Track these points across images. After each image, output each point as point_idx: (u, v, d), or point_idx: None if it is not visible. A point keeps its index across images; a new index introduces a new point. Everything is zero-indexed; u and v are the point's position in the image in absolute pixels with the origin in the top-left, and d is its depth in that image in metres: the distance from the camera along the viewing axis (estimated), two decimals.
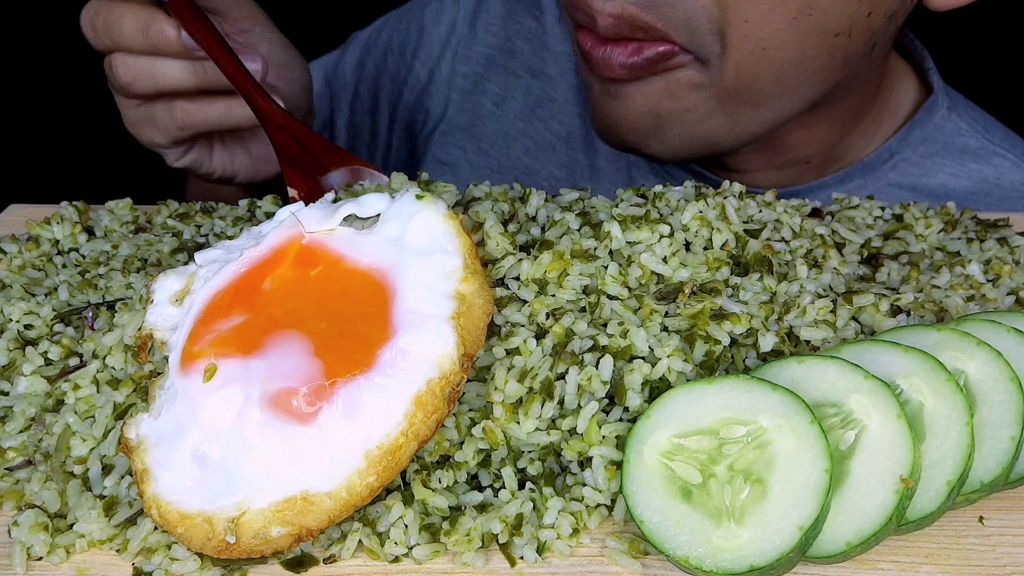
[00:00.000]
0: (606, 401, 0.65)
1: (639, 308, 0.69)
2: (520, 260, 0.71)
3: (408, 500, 0.61)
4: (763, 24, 0.90)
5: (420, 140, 1.40)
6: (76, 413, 0.67)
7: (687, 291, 0.70)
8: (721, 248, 0.74)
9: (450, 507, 0.62)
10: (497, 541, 0.60)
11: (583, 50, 0.99)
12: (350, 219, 0.69)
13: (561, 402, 0.64)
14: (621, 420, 0.64)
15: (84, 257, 0.86)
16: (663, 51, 0.94)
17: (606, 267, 0.71)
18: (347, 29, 1.48)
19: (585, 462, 0.64)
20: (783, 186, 1.12)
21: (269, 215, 0.87)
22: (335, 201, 0.73)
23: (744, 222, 0.78)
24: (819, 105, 1.01)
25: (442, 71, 1.37)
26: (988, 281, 0.79)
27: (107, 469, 0.64)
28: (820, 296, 0.73)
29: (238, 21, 1.02)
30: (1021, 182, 1.15)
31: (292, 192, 0.87)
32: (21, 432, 0.67)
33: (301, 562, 0.59)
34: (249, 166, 1.14)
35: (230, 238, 0.85)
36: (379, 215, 0.69)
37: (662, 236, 0.73)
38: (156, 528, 0.60)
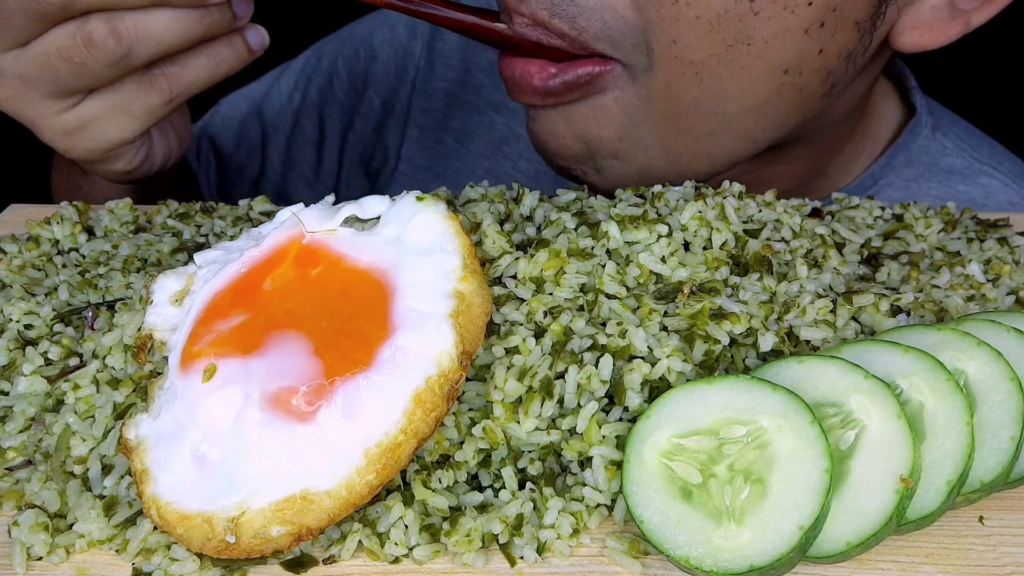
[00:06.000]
0: (606, 401, 0.65)
1: (638, 307, 0.69)
2: (517, 259, 0.71)
3: (408, 500, 0.61)
4: (694, 48, 0.82)
5: (381, 178, 1.32)
6: (76, 413, 0.67)
7: (686, 291, 0.70)
8: (720, 248, 0.74)
9: (450, 507, 0.62)
10: (497, 541, 0.60)
11: (501, 71, 0.90)
12: (350, 221, 0.69)
13: (561, 401, 0.64)
14: (621, 420, 0.64)
15: (84, 257, 0.86)
16: (582, 74, 0.85)
17: (603, 266, 0.71)
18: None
19: (585, 462, 0.63)
20: None
21: (266, 214, 0.88)
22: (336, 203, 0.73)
23: (744, 222, 0.78)
24: (791, 144, 0.96)
25: (399, 106, 1.27)
26: (988, 281, 0.79)
27: (107, 469, 0.64)
28: (820, 296, 0.73)
29: None
30: (1009, 201, 1.12)
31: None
32: (21, 432, 0.67)
33: (301, 563, 0.59)
34: (178, 144, 0.97)
35: (231, 238, 0.85)
36: (379, 217, 0.70)
37: (660, 236, 0.73)
38: (156, 528, 0.60)
